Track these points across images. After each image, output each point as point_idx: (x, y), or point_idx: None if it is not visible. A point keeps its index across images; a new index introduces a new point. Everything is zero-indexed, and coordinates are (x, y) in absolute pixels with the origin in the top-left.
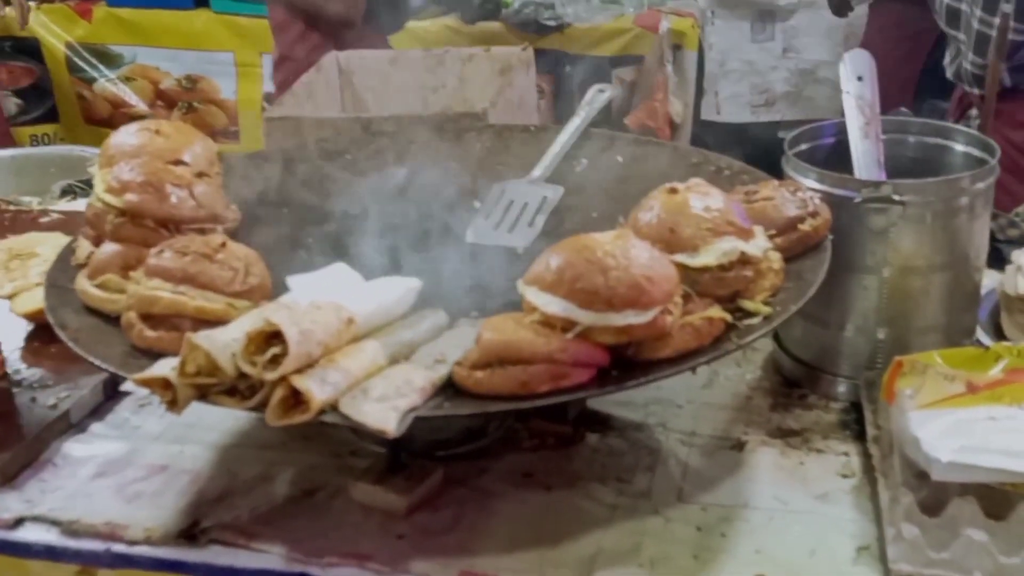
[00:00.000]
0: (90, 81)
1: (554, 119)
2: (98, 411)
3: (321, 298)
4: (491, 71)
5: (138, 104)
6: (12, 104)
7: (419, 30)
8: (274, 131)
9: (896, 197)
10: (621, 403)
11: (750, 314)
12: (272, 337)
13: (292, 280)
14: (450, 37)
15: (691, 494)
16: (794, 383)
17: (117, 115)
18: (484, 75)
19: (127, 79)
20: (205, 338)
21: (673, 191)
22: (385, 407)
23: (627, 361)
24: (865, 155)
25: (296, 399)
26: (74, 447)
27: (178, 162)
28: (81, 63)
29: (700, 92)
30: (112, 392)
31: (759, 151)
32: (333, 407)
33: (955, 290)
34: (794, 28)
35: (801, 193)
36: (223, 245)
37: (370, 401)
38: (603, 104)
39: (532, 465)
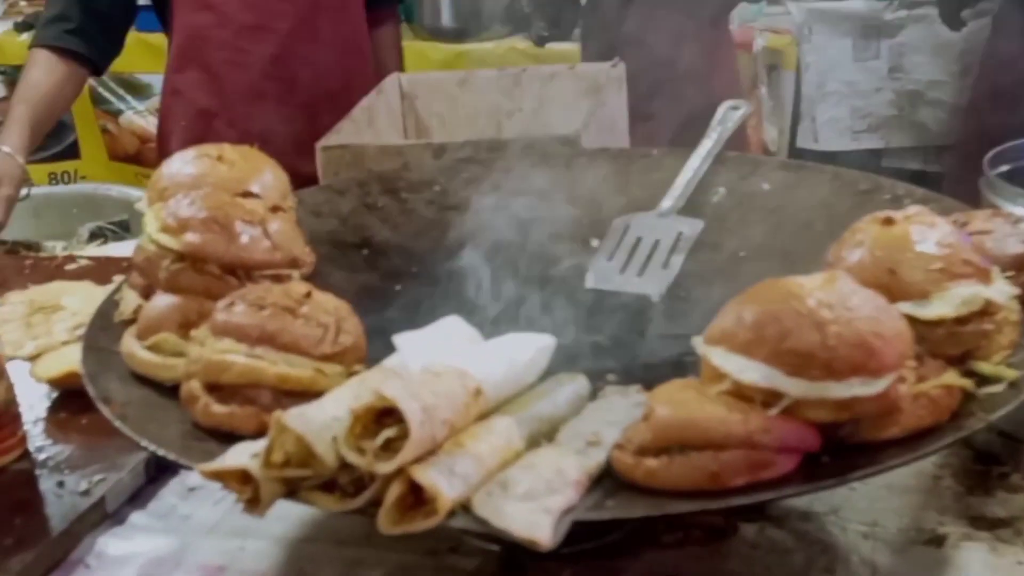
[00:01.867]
0: (116, 114)
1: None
2: (138, 497)
3: (437, 362)
4: (576, 91)
5: None
6: None
7: (482, 53)
8: (331, 162)
9: None
10: None
11: (987, 380)
12: (384, 415)
13: (400, 339)
14: (517, 61)
15: None
16: (991, 459)
17: (145, 151)
18: (568, 96)
19: (156, 111)
20: (298, 418)
21: (889, 222)
22: (534, 508)
23: (839, 443)
24: None
25: (417, 496)
26: (111, 543)
27: (247, 194)
28: (106, 94)
29: (797, 116)
30: (156, 474)
31: None
32: (465, 508)
33: None
34: (902, 45)
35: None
36: (308, 295)
37: (512, 500)
38: (738, 123)
39: (678, 565)
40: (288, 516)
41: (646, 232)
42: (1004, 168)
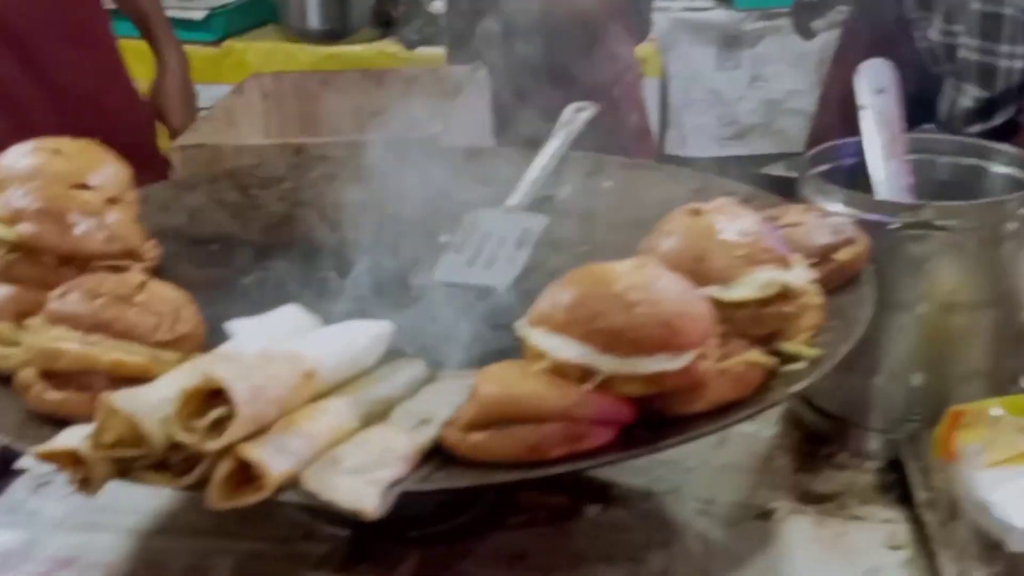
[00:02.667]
0: None
1: None
2: None
3: (272, 347)
4: (439, 93)
5: None
6: None
7: (351, 55)
8: (188, 161)
9: (938, 222)
10: (621, 468)
11: (791, 359)
12: (213, 397)
13: (234, 325)
14: (387, 64)
15: (718, 574)
16: (819, 439)
17: None
18: (431, 97)
19: None
20: (127, 399)
21: (696, 213)
22: (362, 481)
23: (654, 417)
24: (889, 178)
25: (246, 474)
26: None
27: (84, 186)
28: None
29: (664, 124)
30: (3, 469)
31: None
32: (294, 483)
33: (1000, 331)
34: (762, 55)
35: (832, 218)
36: (143, 285)
37: (342, 473)
38: (583, 124)
39: (524, 545)
40: (139, 509)
41: (493, 227)
42: (823, 167)
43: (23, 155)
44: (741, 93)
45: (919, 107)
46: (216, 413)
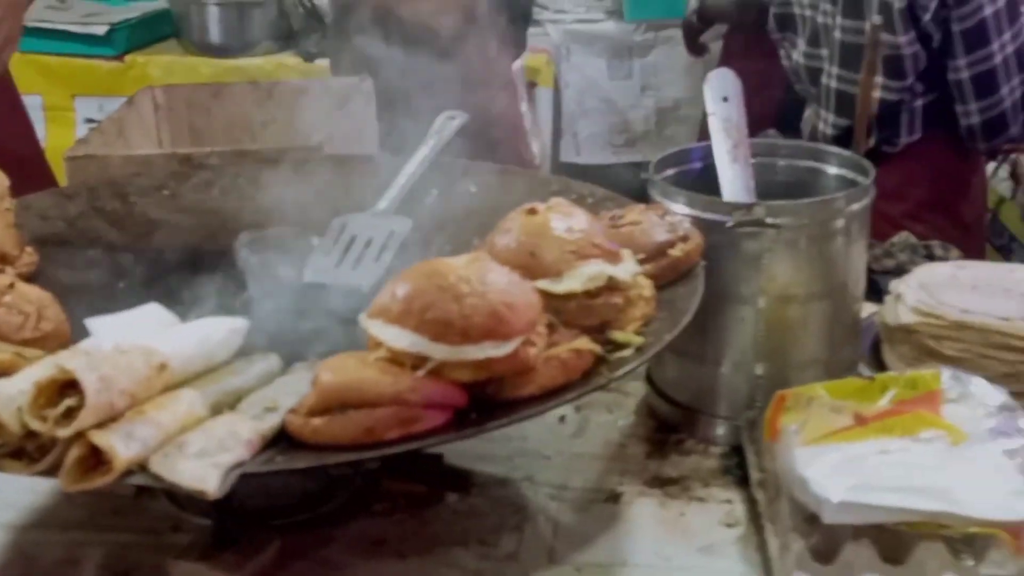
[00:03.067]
0: None
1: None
2: None
3: (128, 341)
4: (328, 104)
5: None
6: None
7: (251, 68)
8: (77, 172)
9: (769, 220)
10: (483, 457)
11: (620, 347)
12: (67, 387)
13: (94, 322)
14: (288, 77)
15: (564, 554)
16: (671, 427)
17: None
18: (321, 108)
19: None
20: None
21: (532, 212)
22: (204, 464)
23: (487, 401)
24: (734, 179)
25: (98, 459)
26: None
27: None
28: None
29: (559, 132)
30: None
31: (622, 193)
32: (142, 467)
33: (834, 321)
34: (652, 65)
35: (670, 217)
36: (11, 286)
37: (187, 458)
38: (453, 132)
39: (384, 531)
40: (14, 504)
41: (361, 230)
42: (672, 171)
43: None
44: (633, 102)
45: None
46: (68, 402)
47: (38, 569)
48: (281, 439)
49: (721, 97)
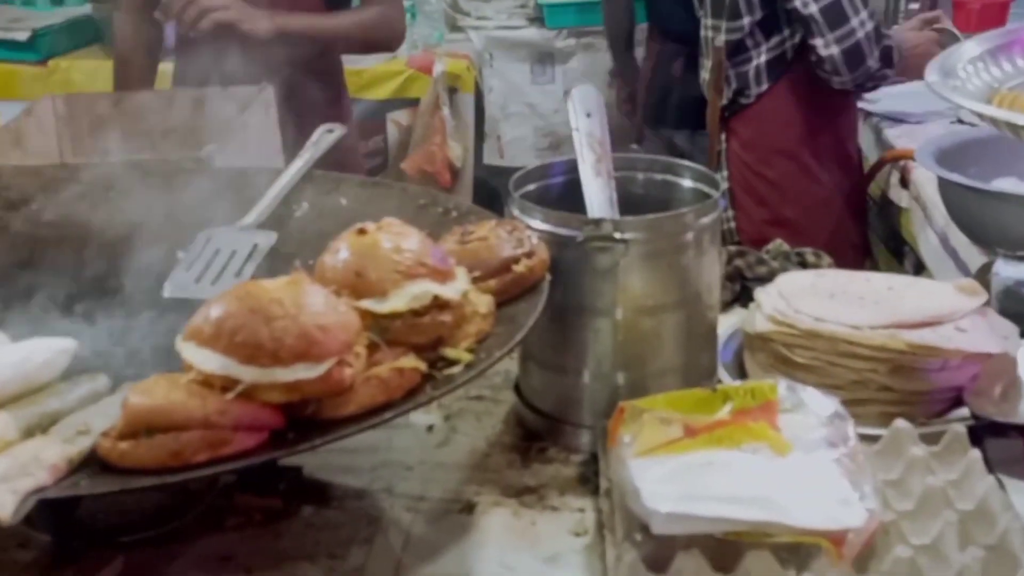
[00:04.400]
0: None
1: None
2: None
3: None
4: (231, 111)
5: None
6: None
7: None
8: None
9: (618, 235)
10: (345, 469)
11: (453, 363)
12: None
13: None
14: None
15: (410, 566)
16: (536, 436)
17: None
18: (222, 116)
19: None
20: None
21: (362, 232)
22: (2, 489)
23: (306, 422)
24: (597, 194)
25: None
26: None
27: None
28: None
29: (481, 136)
30: None
31: None
32: None
33: (690, 330)
34: (574, 70)
35: (518, 232)
36: None
37: None
38: (330, 144)
39: (232, 547)
40: None
41: (225, 244)
42: (529, 188)
43: None
44: (556, 106)
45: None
46: None
47: None
48: (93, 462)
49: (584, 112)
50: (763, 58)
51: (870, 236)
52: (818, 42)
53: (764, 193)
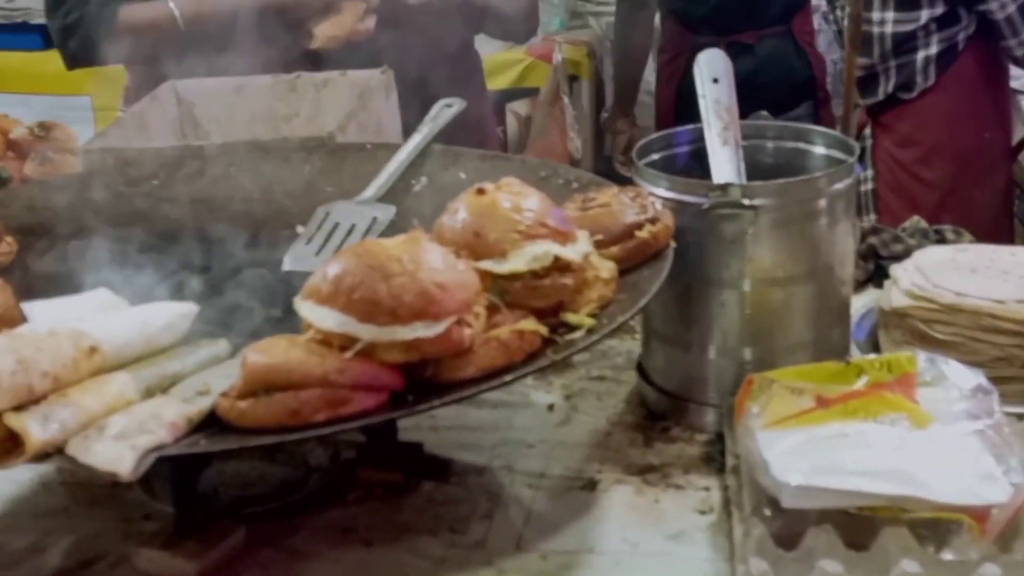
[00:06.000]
0: None
1: None
2: None
3: (60, 325)
4: (349, 96)
5: None
6: None
7: None
8: (94, 165)
9: (747, 201)
10: (466, 446)
11: (574, 329)
12: None
13: (32, 307)
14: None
15: (531, 541)
16: (659, 416)
17: None
18: (341, 101)
19: None
20: None
21: (481, 192)
22: (121, 446)
23: (425, 384)
24: (724, 162)
25: (15, 441)
26: None
27: None
28: None
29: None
30: None
31: None
32: (59, 449)
33: (821, 304)
34: None
35: (641, 199)
36: None
37: (105, 440)
38: (449, 119)
39: (354, 520)
40: None
41: (344, 218)
42: (652, 157)
43: None
44: None
45: None
46: None
47: (2, 555)
48: (213, 423)
49: (711, 78)
50: (934, 49)
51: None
52: (1013, 42)
53: (917, 195)
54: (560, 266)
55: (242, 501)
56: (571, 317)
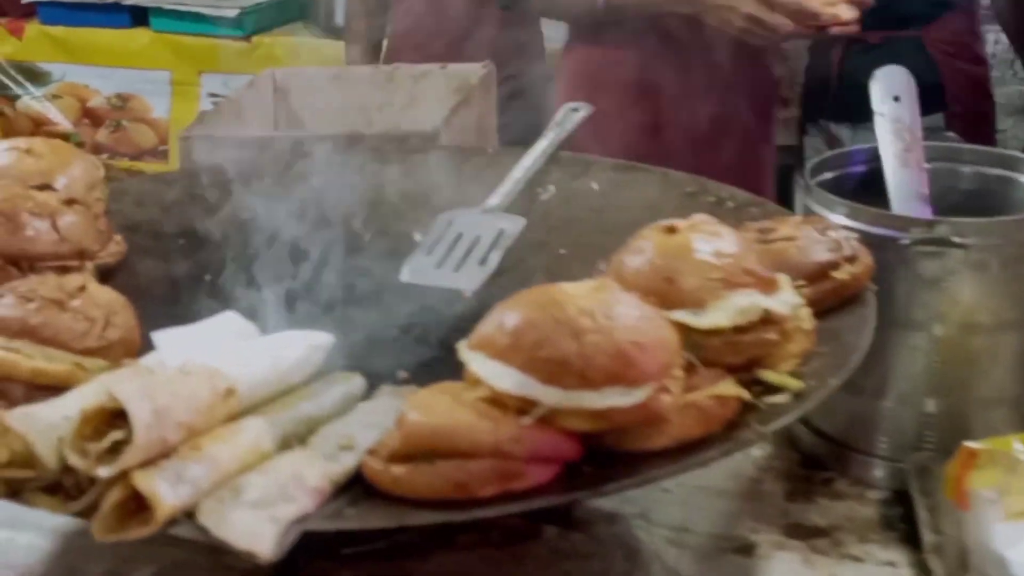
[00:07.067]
0: (13, 99)
1: None
2: None
3: (193, 360)
4: (447, 89)
5: (62, 122)
6: None
7: None
8: (191, 152)
9: (956, 239)
10: None
11: (773, 389)
12: (117, 417)
13: (160, 336)
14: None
15: None
16: (816, 463)
17: (39, 133)
18: (438, 93)
19: (54, 96)
20: (23, 417)
21: (671, 230)
22: (261, 517)
23: (604, 452)
24: (903, 186)
25: (141, 502)
26: None
27: (46, 187)
28: (6, 80)
29: None
30: None
31: None
32: (189, 515)
33: None
34: None
35: (833, 232)
36: (81, 289)
37: (241, 507)
38: (576, 124)
39: (469, 568)
40: None
41: (468, 228)
42: (826, 176)
43: None
44: None
45: None
46: (115, 435)
47: None
48: (355, 483)
49: (891, 96)
50: None
51: None
52: None
53: None
54: (765, 319)
55: (341, 539)
56: (771, 376)
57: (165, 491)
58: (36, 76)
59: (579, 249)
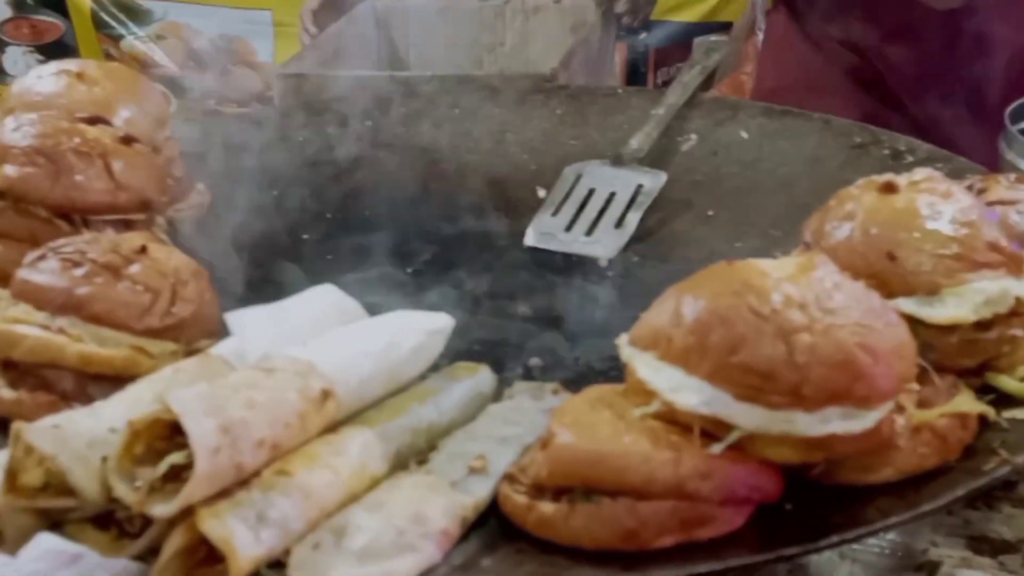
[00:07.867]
0: (117, 38)
1: None
2: None
3: (279, 351)
4: (561, 27)
5: (169, 65)
6: (34, 62)
7: None
8: (288, 92)
9: None
10: None
11: (1006, 398)
12: (176, 431)
13: (235, 317)
14: None
15: None
16: None
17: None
18: (552, 32)
19: (157, 37)
20: (48, 432)
21: (889, 188)
22: (372, 574)
23: (809, 484)
24: None
25: (211, 549)
26: None
27: (98, 120)
28: (108, 18)
29: None
30: None
31: None
32: (278, 563)
33: None
34: None
35: None
36: (142, 250)
37: (346, 557)
38: (715, 64)
39: None
40: None
41: (600, 184)
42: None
43: (40, 79)
44: None
45: None
46: (174, 458)
47: None
48: (488, 514)
49: None
50: None
51: None
52: None
53: None
54: (1014, 310)
55: None
56: (1008, 383)
57: (243, 537)
58: (137, 15)
59: (731, 212)
